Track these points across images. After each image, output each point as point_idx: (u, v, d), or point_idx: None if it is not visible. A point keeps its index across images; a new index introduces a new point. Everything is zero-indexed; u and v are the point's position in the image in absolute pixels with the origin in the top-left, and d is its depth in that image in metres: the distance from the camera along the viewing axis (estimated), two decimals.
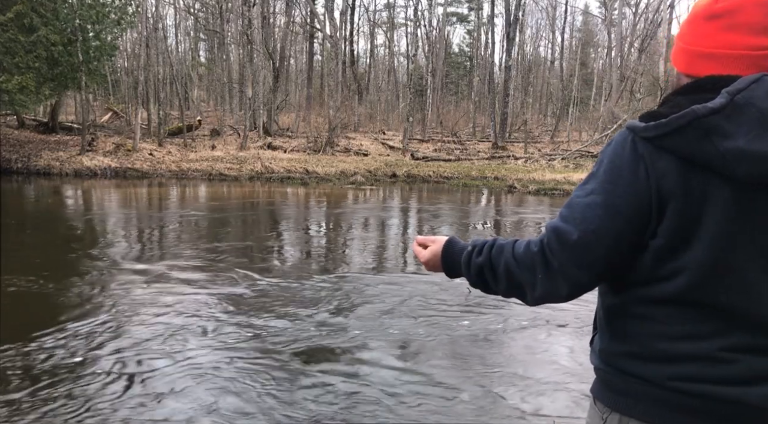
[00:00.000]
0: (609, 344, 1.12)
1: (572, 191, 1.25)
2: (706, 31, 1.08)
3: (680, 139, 1.00)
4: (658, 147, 1.02)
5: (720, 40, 1.06)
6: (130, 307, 4.81)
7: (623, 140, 1.06)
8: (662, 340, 1.04)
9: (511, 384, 3.55)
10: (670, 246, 1.03)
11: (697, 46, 1.09)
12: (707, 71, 1.07)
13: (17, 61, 14.69)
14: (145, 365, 3.66)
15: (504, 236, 9.40)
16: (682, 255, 1.02)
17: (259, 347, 3.99)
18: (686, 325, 1.03)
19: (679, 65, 1.14)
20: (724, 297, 1.01)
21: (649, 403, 1.06)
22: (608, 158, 1.07)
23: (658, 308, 1.05)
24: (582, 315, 4.75)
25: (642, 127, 1.04)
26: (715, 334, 1.02)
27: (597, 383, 1.17)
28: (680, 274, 1.02)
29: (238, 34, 24.99)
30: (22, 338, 4.02)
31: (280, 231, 9.43)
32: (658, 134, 1.01)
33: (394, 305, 5.04)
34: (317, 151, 20.85)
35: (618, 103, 25.44)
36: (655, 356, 1.05)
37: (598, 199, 1.06)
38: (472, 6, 41.13)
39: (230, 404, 3.18)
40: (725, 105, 0.97)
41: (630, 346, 1.08)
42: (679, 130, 0.99)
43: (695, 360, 1.02)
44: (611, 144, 1.09)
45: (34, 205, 11.89)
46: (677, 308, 1.04)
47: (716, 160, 0.98)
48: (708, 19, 1.08)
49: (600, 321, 1.17)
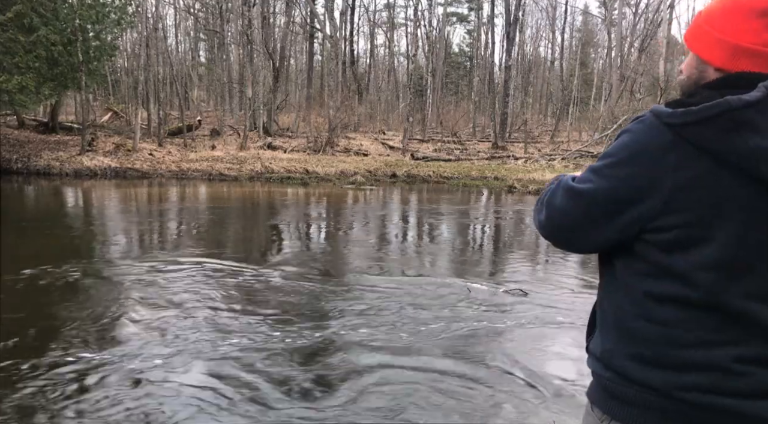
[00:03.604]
0: (614, 344, 1.07)
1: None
2: (752, 27, 1.01)
3: (707, 129, 0.95)
4: (681, 135, 0.96)
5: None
6: (130, 306, 4.81)
7: (645, 124, 1.02)
8: (674, 346, 0.99)
9: (511, 384, 3.55)
10: (681, 241, 0.98)
11: (740, 41, 1.02)
12: (750, 68, 1.01)
13: (17, 61, 14.68)
14: (145, 365, 3.67)
15: (504, 235, 9.38)
16: (697, 253, 0.97)
17: (258, 347, 3.99)
18: (700, 331, 0.98)
19: (714, 58, 1.06)
20: (740, 302, 0.96)
21: (653, 412, 1.01)
22: (626, 139, 1.03)
23: (673, 311, 1.00)
24: (584, 315, 4.75)
25: (668, 113, 0.99)
26: (729, 343, 0.97)
27: (596, 388, 1.12)
28: (695, 272, 0.97)
29: (238, 34, 24.98)
30: (22, 336, 4.02)
31: (280, 231, 9.43)
32: (685, 121, 0.96)
33: (393, 304, 5.04)
34: (317, 151, 20.84)
35: (618, 103, 25.42)
36: (664, 363, 0.99)
37: (604, 170, 1.05)
38: (472, 6, 41.11)
39: (229, 404, 3.18)
40: (762, 99, 0.93)
41: (638, 348, 1.02)
42: (709, 120, 0.94)
43: (706, 370, 0.97)
44: (631, 126, 1.04)
45: (34, 205, 11.89)
46: (694, 313, 0.98)
47: (743, 156, 0.93)
48: (756, 15, 1.01)
49: (604, 321, 1.12)
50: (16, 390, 3.28)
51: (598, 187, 1.05)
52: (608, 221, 1.04)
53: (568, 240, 1.15)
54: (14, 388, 3.31)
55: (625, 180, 1.01)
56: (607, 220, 1.04)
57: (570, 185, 1.11)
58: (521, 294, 5.47)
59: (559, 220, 1.12)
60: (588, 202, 1.06)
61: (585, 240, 1.11)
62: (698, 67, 1.09)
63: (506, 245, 8.83)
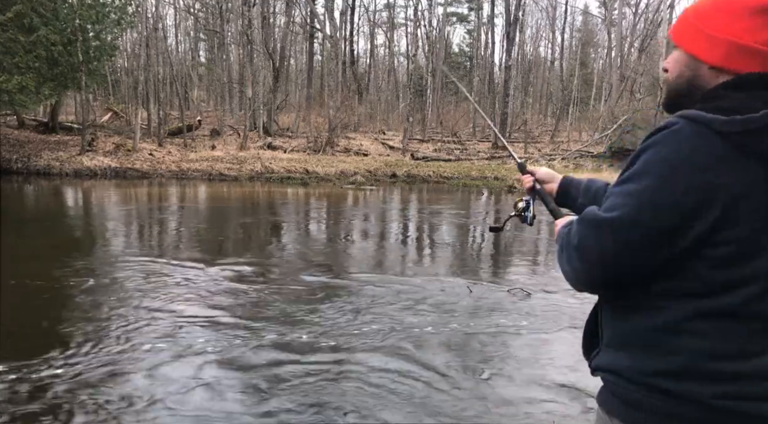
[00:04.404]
0: (643, 361, 1.01)
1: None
2: (750, 25, 0.98)
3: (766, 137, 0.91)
4: (734, 143, 0.92)
5: (766, 36, 0.97)
6: (130, 306, 4.81)
7: (682, 131, 0.95)
8: (715, 358, 0.96)
9: (511, 384, 3.55)
10: (736, 255, 0.95)
11: (737, 38, 0.99)
12: (748, 67, 0.98)
13: (17, 61, 14.68)
14: (145, 364, 3.66)
15: (506, 235, 9.38)
16: (747, 266, 0.94)
17: (257, 347, 3.98)
18: (739, 341, 0.96)
19: (710, 56, 1.02)
20: None
21: (682, 421, 0.98)
22: (662, 152, 0.96)
23: (710, 323, 0.97)
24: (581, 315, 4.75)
25: (723, 121, 0.92)
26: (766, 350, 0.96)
27: (612, 398, 1.07)
28: (740, 286, 0.95)
29: (238, 34, 24.97)
30: (21, 335, 4.02)
31: (280, 231, 9.43)
32: (746, 129, 0.91)
33: (393, 304, 5.03)
34: (317, 151, 20.83)
35: (618, 103, 25.43)
36: (700, 375, 0.97)
37: (646, 191, 0.96)
38: (472, 6, 41.11)
39: (228, 404, 3.18)
40: None
41: (674, 363, 0.98)
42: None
43: (742, 378, 0.95)
44: (662, 138, 0.97)
45: (34, 205, 11.88)
46: (733, 323, 0.96)
47: None
48: (754, 12, 0.98)
49: (621, 338, 1.07)
50: (15, 390, 3.28)
51: (649, 210, 0.96)
52: (665, 244, 0.97)
53: (617, 277, 1.02)
54: (11, 388, 3.30)
55: (675, 197, 0.93)
56: (663, 244, 0.97)
57: (602, 218, 1.00)
58: (524, 294, 5.47)
59: (605, 261, 1.00)
60: (637, 231, 0.97)
61: (643, 270, 1.00)
62: (690, 65, 1.05)
63: (507, 245, 8.83)
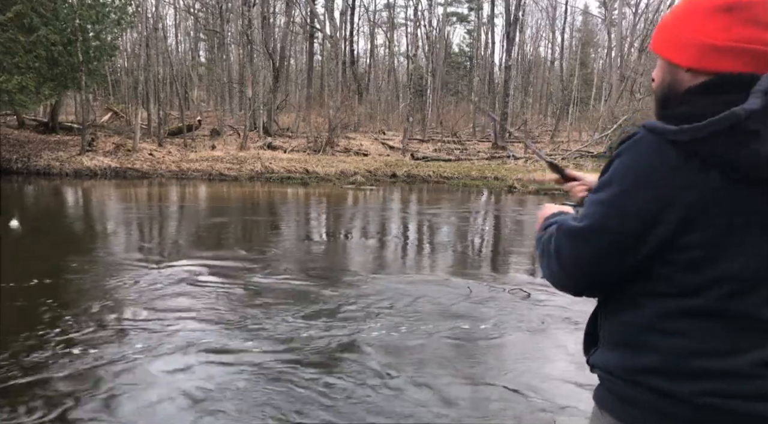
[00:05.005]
0: (630, 360, 1.05)
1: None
2: (719, 24, 0.99)
3: (718, 143, 0.92)
4: (688, 152, 0.94)
5: (737, 33, 0.98)
6: (129, 306, 4.81)
7: (643, 143, 0.98)
8: (692, 356, 0.99)
9: (511, 384, 3.55)
10: (701, 259, 0.97)
11: (709, 39, 1.00)
12: (722, 66, 0.99)
13: (17, 61, 14.68)
14: (144, 364, 3.66)
15: (505, 235, 9.38)
16: (715, 268, 0.97)
17: (257, 347, 3.98)
18: (717, 340, 0.98)
19: (683, 58, 1.04)
20: (757, 310, 0.97)
21: (668, 418, 1.01)
22: (626, 162, 1.00)
23: (688, 323, 0.99)
24: (586, 316, 4.75)
25: (672, 130, 0.95)
26: (746, 349, 0.97)
27: (606, 394, 1.11)
28: (712, 287, 0.97)
29: (238, 34, 24.97)
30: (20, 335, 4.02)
31: (280, 231, 9.43)
32: (695, 138, 0.92)
33: (393, 303, 5.04)
34: (317, 151, 20.84)
35: (618, 103, 25.43)
36: (684, 373, 0.99)
37: (612, 200, 1.00)
38: (472, 6, 41.12)
39: (227, 403, 3.18)
40: (765, 106, 0.91)
41: (656, 362, 1.02)
42: (719, 133, 0.91)
43: (725, 376, 0.97)
44: (626, 148, 1.01)
45: (34, 205, 11.88)
46: (708, 322, 0.98)
47: (753, 166, 0.91)
48: (721, 11, 0.99)
49: (611, 337, 1.11)
50: (15, 388, 3.28)
51: (615, 218, 1.00)
52: (630, 251, 1.01)
53: (591, 284, 1.09)
54: (10, 386, 3.30)
55: (640, 204, 0.97)
56: (629, 250, 1.01)
57: (575, 227, 1.06)
58: (523, 294, 5.47)
59: (580, 269, 1.07)
60: (605, 238, 1.01)
61: (612, 277, 1.06)
62: (669, 70, 1.07)
63: (507, 245, 8.83)
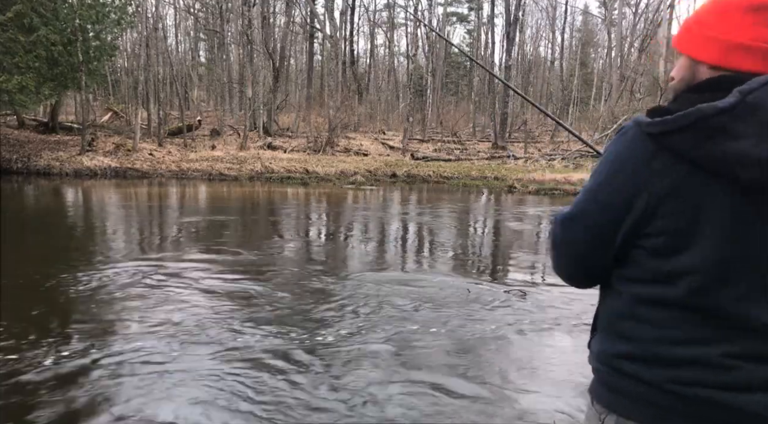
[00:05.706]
0: (610, 345, 1.11)
1: (572, 191, 1.25)
2: (745, 22, 1.02)
3: (683, 138, 0.97)
4: (660, 144, 0.99)
5: (761, 33, 1.01)
6: (129, 305, 4.81)
7: (628, 133, 1.05)
8: (663, 344, 1.03)
9: (511, 383, 3.55)
10: (665, 247, 1.01)
11: (734, 37, 1.03)
12: (743, 64, 1.02)
13: (17, 61, 14.69)
14: (144, 364, 3.66)
15: (504, 235, 9.39)
16: (681, 258, 1.00)
17: (257, 347, 3.98)
18: (688, 330, 1.02)
19: (707, 56, 1.07)
20: (726, 303, 0.99)
21: (647, 405, 1.05)
22: (611, 149, 1.08)
23: (660, 311, 1.04)
24: (583, 316, 4.75)
25: (647, 123, 1.02)
26: (716, 340, 1.00)
27: (595, 383, 1.16)
28: (681, 277, 1.01)
29: (238, 34, 24.99)
30: (22, 334, 4.02)
31: (280, 231, 9.43)
32: (663, 131, 0.99)
33: (392, 304, 5.03)
34: (317, 151, 20.85)
35: (618, 103, 25.44)
36: (656, 360, 1.04)
37: (594, 188, 1.09)
38: (472, 6, 41.15)
39: (226, 404, 3.18)
40: (735, 105, 0.94)
41: (631, 348, 1.07)
42: (683, 129, 0.96)
43: (696, 365, 1.01)
44: (615, 139, 1.08)
45: (34, 205, 11.88)
46: (679, 312, 1.02)
47: (719, 162, 0.95)
48: (747, 10, 1.02)
49: (601, 323, 1.17)
50: (15, 387, 3.28)
51: (595, 204, 1.08)
52: (611, 236, 1.07)
53: (587, 270, 1.16)
54: (12, 384, 3.30)
55: (615, 192, 1.04)
56: (609, 236, 1.07)
57: (565, 214, 1.15)
58: (521, 295, 5.47)
59: (573, 255, 1.14)
60: (590, 223, 1.10)
61: (602, 262, 1.12)
62: (691, 67, 1.10)
63: (506, 246, 8.83)
